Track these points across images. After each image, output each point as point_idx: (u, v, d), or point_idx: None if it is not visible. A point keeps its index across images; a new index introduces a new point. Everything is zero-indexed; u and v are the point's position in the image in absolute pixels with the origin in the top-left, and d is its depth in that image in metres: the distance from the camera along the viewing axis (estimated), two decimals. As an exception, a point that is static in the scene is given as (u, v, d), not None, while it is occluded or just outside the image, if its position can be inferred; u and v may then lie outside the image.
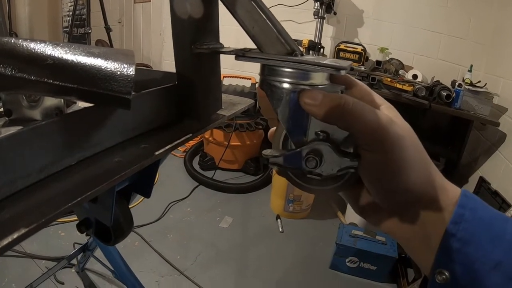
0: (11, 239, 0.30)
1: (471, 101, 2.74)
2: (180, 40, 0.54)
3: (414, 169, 0.37)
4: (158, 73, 0.73)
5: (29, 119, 0.64)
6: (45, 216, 0.33)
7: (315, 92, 0.37)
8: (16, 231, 0.31)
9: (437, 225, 0.37)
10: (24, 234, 0.32)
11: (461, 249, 0.36)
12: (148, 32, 4.68)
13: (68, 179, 0.40)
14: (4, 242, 0.30)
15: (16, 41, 0.41)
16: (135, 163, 0.43)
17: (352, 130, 0.37)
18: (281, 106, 0.40)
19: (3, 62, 0.39)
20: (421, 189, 0.38)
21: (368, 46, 3.41)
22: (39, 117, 0.64)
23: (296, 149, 0.41)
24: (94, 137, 0.45)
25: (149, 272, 2.23)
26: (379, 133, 0.36)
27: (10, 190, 0.36)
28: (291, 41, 0.44)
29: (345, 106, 0.36)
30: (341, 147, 0.41)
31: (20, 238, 0.31)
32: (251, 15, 0.44)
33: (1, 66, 0.39)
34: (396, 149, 0.36)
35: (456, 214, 0.36)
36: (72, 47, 0.42)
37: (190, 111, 0.59)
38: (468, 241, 0.36)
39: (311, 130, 0.41)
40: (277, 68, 0.39)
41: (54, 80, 0.39)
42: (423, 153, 0.39)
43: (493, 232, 0.36)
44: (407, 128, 0.39)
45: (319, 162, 0.40)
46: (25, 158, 0.37)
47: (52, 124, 0.39)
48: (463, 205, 0.37)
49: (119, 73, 0.39)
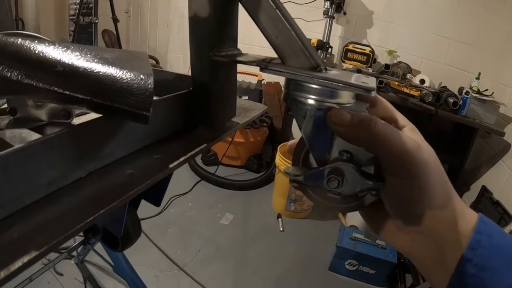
0: (21, 263, 0.29)
1: (478, 109, 2.72)
2: (198, 46, 0.52)
3: (436, 194, 0.37)
4: (170, 74, 0.72)
5: (34, 118, 0.62)
6: (57, 237, 0.32)
7: (343, 113, 0.36)
8: (26, 254, 0.30)
9: (454, 249, 0.37)
10: (35, 257, 0.30)
11: (476, 274, 0.36)
12: (155, 24, 4.65)
13: (79, 194, 0.38)
14: (15, 267, 0.28)
15: (23, 42, 0.38)
16: (148, 177, 0.42)
17: (378, 153, 0.37)
18: (305, 122, 0.39)
19: (9, 66, 0.37)
20: (441, 213, 0.38)
21: (376, 48, 3.38)
22: (45, 117, 0.62)
23: (318, 167, 0.40)
24: (105, 148, 0.43)
25: (149, 266, 2.22)
26: (406, 158, 0.36)
27: (17, 206, 0.34)
28: (315, 54, 0.43)
29: (374, 130, 0.35)
30: (364, 167, 0.40)
31: (31, 261, 0.30)
32: (275, 23, 0.42)
33: (7, 70, 0.37)
34: (422, 175, 0.36)
35: (473, 239, 0.36)
36: (83, 51, 0.40)
37: (204, 118, 0.58)
38: (484, 267, 0.35)
39: (334, 148, 0.40)
40: (304, 84, 0.38)
41: (64, 90, 0.37)
42: (445, 178, 0.39)
43: (509, 259, 0.36)
44: (432, 153, 0.38)
45: (341, 182, 0.39)
46: (33, 171, 0.35)
47: (61, 136, 0.38)
48: (480, 231, 0.37)
49: (136, 86, 0.37)
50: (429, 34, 3.31)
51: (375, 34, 3.51)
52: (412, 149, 0.36)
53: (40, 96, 0.43)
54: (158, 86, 0.59)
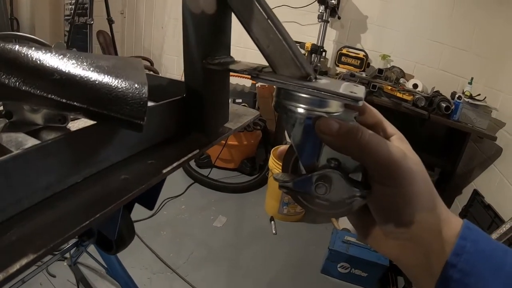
0: (19, 266, 0.30)
1: (470, 114, 2.75)
2: (191, 54, 0.53)
3: (422, 202, 0.38)
4: (163, 80, 0.73)
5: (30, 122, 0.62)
6: (54, 240, 0.33)
7: (331, 122, 0.37)
8: (24, 257, 0.31)
9: (439, 256, 0.37)
10: (33, 260, 0.31)
11: (461, 279, 0.36)
12: (150, 25, 4.65)
13: (75, 198, 0.39)
14: (13, 269, 0.29)
15: (20, 49, 0.39)
16: (142, 182, 0.43)
17: (365, 162, 0.38)
18: (294, 130, 0.40)
19: (7, 72, 0.37)
20: (426, 220, 0.38)
21: (370, 52, 3.41)
22: (40, 121, 0.62)
23: (306, 174, 0.41)
24: (100, 154, 0.44)
25: (141, 268, 2.23)
26: (393, 168, 0.37)
27: (16, 209, 0.35)
28: (306, 64, 0.44)
29: (361, 139, 0.37)
30: (351, 175, 0.41)
31: (29, 264, 0.31)
32: (266, 33, 0.44)
33: (5, 76, 0.37)
34: (407, 184, 0.37)
35: (457, 245, 0.37)
36: (79, 59, 0.41)
37: (197, 124, 0.59)
38: (468, 272, 0.36)
39: (322, 156, 0.41)
40: (294, 93, 0.39)
41: (61, 98, 0.38)
42: (430, 186, 0.39)
43: (493, 264, 0.36)
44: (418, 161, 0.40)
45: (329, 189, 0.40)
46: (30, 177, 0.36)
47: (58, 142, 0.39)
48: (464, 237, 0.37)
49: (131, 95, 0.38)
50: (422, 39, 3.33)
51: (369, 39, 3.53)
52: (398, 158, 0.37)
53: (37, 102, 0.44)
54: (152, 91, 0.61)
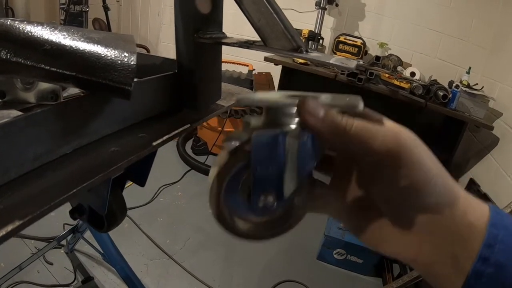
0: (5, 231, 0.30)
1: (467, 103, 2.74)
2: (182, 28, 0.53)
3: (436, 181, 0.33)
4: (157, 59, 0.72)
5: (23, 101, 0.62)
6: (40, 208, 0.32)
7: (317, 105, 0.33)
8: (10, 223, 0.30)
9: (467, 247, 0.32)
10: (18, 227, 0.31)
11: (496, 275, 0.31)
12: (146, 13, 4.61)
13: (64, 169, 0.39)
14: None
15: (12, 22, 0.39)
16: (132, 154, 0.42)
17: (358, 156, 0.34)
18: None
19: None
20: (446, 203, 0.33)
21: (368, 40, 3.40)
22: (33, 100, 0.62)
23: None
24: (91, 126, 0.44)
25: (138, 255, 2.23)
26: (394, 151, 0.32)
27: (3, 180, 0.35)
28: (297, 37, 0.43)
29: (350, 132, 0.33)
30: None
31: (14, 230, 0.31)
32: (258, 7, 0.43)
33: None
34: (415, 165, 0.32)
35: (489, 234, 0.32)
36: (70, 31, 0.41)
37: (189, 100, 0.58)
38: (504, 266, 0.31)
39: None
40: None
41: (51, 67, 0.38)
42: (440, 165, 0.34)
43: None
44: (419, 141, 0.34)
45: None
46: (19, 146, 0.36)
47: (47, 112, 0.39)
48: (495, 224, 0.32)
49: (120, 62, 0.38)
50: (420, 27, 3.32)
51: (367, 27, 3.51)
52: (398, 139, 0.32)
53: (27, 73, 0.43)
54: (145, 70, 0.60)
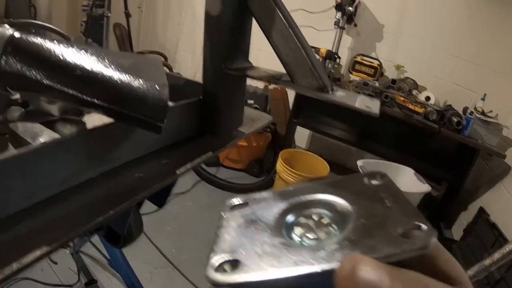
0: (33, 257, 0.31)
1: (481, 130, 2.73)
2: (211, 58, 0.54)
3: None
4: (180, 80, 0.73)
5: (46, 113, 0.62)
6: (67, 234, 0.33)
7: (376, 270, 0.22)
8: (38, 249, 0.31)
9: None
10: (45, 253, 0.32)
11: None
12: (166, 21, 4.67)
13: (89, 193, 0.40)
14: (27, 260, 0.30)
15: (43, 42, 0.40)
16: (156, 181, 0.43)
17: None
18: None
19: (29, 65, 0.38)
20: None
21: (385, 62, 3.40)
22: (56, 112, 0.62)
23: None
24: (116, 151, 0.45)
25: (143, 262, 2.24)
26: None
27: (30, 202, 0.36)
28: (324, 75, 0.44)
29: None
30: None
31: (41, 256, 0.31)
32: (287, 43, 0.44)
33: (26, 68, 0.38)
34: None
35: None
36: (101, 56, 0.41)
37: (212, 126, 0.59)
38: None
39: None
40: None
41: (81, 94, 0.39)
42: None
43: None
44: None
45: None
46: (47, 170, 0.37)
47: (76, 139, 0.39)
48: None
49: (152, 96, 0.38)
50: (438, 51, 3.31)
51: (384, 48, 3.52)
52: None
53: (57, 96, 0.44)
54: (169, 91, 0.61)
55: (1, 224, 0.34)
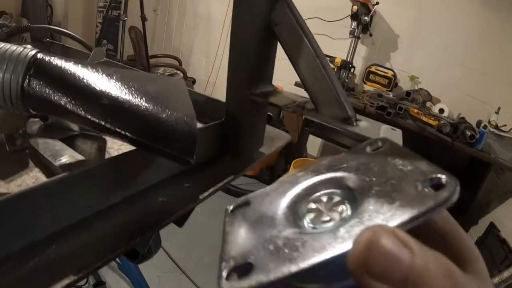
0: (60, 286, 0.31)
1: (494, 145, 2.71)
2: (235, 83, 0.55)
3: None
4: (200, 97, 0.74)
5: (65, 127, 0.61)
6: (94, 264, 0.34)
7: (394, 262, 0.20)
8: (66, 278, 0.32)
9: None
10: (73, 282, 0.32)
11: None
12: (181, 25, 4.70)
13: (113, 219, 0.40)
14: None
15: (66, 66, 0.38)
16: (180, 207, 0.44)
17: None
18: None
19: (53, 89, 0.37)
20: None
21: (399, 72, 3.38)
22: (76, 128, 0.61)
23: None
24: (140, 176, 0.45)
25: (151, 266, 2.24)
26: None
27: (54, 228, 0.36)
28: (348, 106, 0.45)
29: None
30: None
31: (70, 285, 0.32)
32: (314, 72, 0.44)
33: (50, 93, 0.37)
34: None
35: None
36: (126, 81, 0.40)
37: (233, 149, 0.60)
38: None
39: None
40: None
41: (108, 124, 0.37)
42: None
43: None
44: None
45: None
46: (73, 197, 0.37)
47: (101, 167, 0.40)
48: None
49: (181, 130, 0.38)
50: (452, 62, 3.29)
51: (399, 58, 3.50)
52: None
53: (82, 123, 0.44)
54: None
55: (30, 250, 0.34)
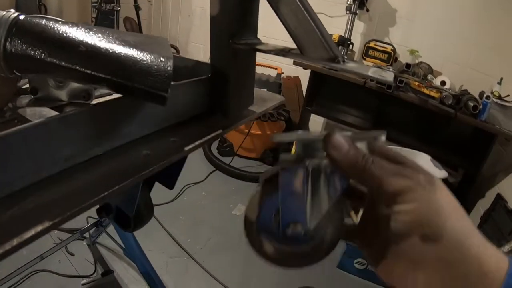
0: (34, 232, 0.30)
1: (498, 115, 2.67)
2: (218, 34, 0.53)
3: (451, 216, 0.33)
4: (189, 61, 0.72)
5: (55, 98, 0.62)
6: (70, 210, 0.32)
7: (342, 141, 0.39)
8: (39, 224, 0.31)
9: None
10: (47, 228, 0.31)
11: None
12: (177, 13, 4.66)
13: (95, 170, 0.39)
14: (28, 235, 0.29)
15: (47, 22, 0.40)
16: (163, 158, 0.42)
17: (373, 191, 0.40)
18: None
19: (33, 44, 0.38)
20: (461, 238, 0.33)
21: (398, 47, 3.34)
22: (65, 98, 0.63)
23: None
24: (123, 128, 0.44)
25: (158, 252, 2.25)
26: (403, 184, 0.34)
27: (35, 178, 0.36)
28: (334, 46, 0.43)
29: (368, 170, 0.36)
30: None
31: (44, 231, 0.31)
32: (295, 15, 0.43)
33: (31, 48, 0.38)
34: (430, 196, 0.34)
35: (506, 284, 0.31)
36: (105, 33, 0.41)
37: (221, 105, 0.58)
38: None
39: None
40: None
41: (85, 69, 0.38)
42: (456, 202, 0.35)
43: None
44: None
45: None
46: (51, 147, 0.37)
47: (81, 114, 0.39)
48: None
49: (156, 67, 0.38)
50: (452, 35, 3.24)
51: (398, 33, 3.46)
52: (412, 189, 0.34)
53: (62, 74, 0.44)
54: (177, 73, 0.60)
55: (8, 199, 0.33)
